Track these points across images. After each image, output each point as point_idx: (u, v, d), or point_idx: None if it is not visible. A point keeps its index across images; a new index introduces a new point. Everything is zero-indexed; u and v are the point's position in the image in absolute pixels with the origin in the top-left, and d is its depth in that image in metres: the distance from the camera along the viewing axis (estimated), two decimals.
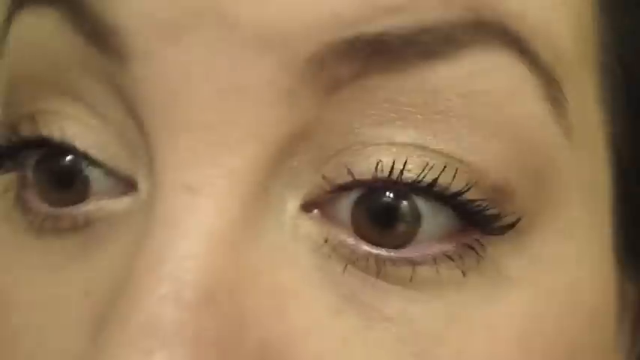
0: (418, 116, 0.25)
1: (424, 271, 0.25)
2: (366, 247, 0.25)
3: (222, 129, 0.25)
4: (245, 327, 0.25)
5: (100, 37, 0.26)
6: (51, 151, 0.28)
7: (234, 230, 0.25)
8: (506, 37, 0.25)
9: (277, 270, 0.25)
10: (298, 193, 0.26)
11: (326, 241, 0.25)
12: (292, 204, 0.26)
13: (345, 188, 0.26)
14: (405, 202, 0.25)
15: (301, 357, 0.25)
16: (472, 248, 0.25)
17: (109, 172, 0.27)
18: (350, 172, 0.25)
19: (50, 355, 0.27)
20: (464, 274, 0.25)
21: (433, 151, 0.25)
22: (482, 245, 0.25)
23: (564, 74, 0.26)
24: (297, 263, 0.25)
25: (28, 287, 0.28)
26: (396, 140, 0.25)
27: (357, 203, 0.26)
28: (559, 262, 0.27)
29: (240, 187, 0.25)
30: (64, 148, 0.27)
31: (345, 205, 0.26)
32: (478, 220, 0.25)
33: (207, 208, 0.25)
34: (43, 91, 0.28)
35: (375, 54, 0.25)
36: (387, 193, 0.25)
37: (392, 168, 0.25)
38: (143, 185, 0.27)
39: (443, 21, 0.25)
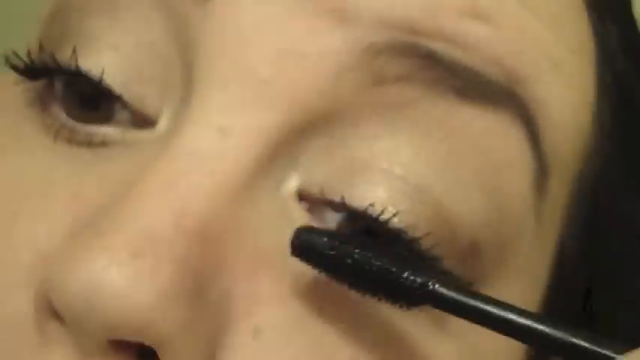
0: (430, 147, 0.27)
1: None
2: None
3: (272, 86, 0.26)
4: (217, 275, 0.25)
5: None
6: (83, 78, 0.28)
7: (244, 184, 0.26)
8: (524, 116, 0.28)
9: (261, 236, 0.26)
10: (298, 177, 0.27)
11: None
12: (291, 185, 0.27)
13: (334, 207, 0.27)
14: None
15: (251, 321, 0.26)
16: None
17: (131, 108, 0.28)
18: (342, 200, 0.27)
19: (19, 242, 0.27)
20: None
21: (425, 194, 0.26)
22: None
23: (555, 169, 0.29)
24: (279, 238, 0.26)
25: (17, 174, 0.28)
26: (396, 172, 0.27)
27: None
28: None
29: (265, 144, 0.26)
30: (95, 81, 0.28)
31: (333, 218, 0.27)
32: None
33: (232, 154, 0.26)
34: (93, 10, 0.28)
35: (420, 67, 0.27)
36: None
37: (382, 211, 0.26)
38: (164, 121, 0.27)
39: (482, 72, 0.27)
